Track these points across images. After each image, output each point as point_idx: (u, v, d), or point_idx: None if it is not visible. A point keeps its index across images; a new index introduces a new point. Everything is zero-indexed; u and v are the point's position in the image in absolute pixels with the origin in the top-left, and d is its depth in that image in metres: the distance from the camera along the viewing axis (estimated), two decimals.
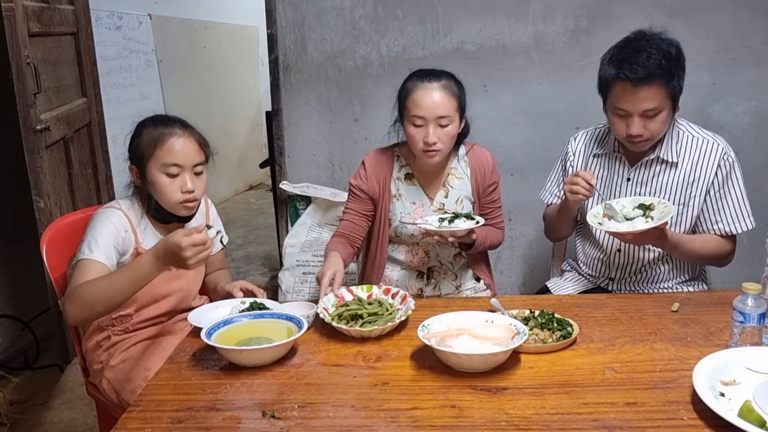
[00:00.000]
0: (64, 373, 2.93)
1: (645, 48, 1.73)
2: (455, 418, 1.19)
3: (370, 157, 2.05)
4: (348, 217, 2.03)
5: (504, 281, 3.23)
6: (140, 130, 1.74)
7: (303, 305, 1.67)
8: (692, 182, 1.88)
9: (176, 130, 1.71)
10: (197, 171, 1.72)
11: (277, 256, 3.80)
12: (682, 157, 1.89)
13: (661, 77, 1.72)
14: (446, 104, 1.84)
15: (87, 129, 3.18)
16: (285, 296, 3.05)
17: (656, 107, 1.75)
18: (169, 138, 1.69)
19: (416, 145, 1.88)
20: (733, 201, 1.87)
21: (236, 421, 1.21)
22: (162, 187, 1.69)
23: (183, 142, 1.70)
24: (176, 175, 1.69)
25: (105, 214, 1.71)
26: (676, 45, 1.78)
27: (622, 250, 1.97)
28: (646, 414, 1.19)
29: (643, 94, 1.73)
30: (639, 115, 1.77)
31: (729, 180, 1.87)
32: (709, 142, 1.88)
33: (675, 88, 1.76)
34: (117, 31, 4.37)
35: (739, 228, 1.87)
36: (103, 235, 1.65)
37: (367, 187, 2.01)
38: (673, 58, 1.74)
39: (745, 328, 1.35)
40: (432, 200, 2.02)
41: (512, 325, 1.45)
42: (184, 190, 1.69)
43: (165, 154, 1.68)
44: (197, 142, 1.74)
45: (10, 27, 2.38)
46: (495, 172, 2.05)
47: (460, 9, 2.95)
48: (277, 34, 3.03)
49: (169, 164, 1.68)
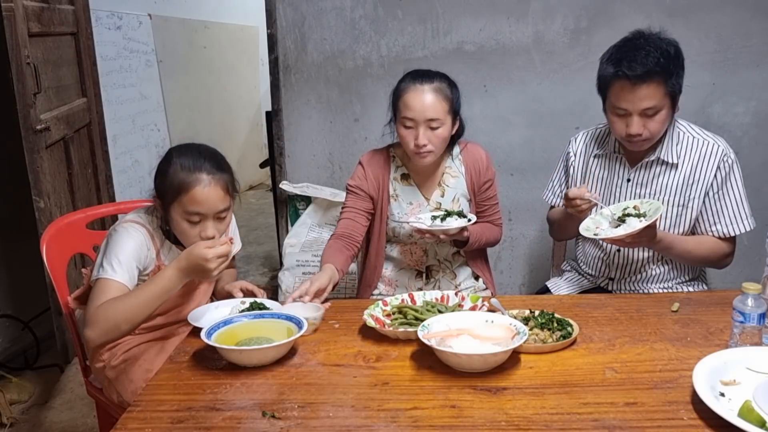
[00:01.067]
0: (64, 373, 2.93)
1: (643, 46, 1.74)
2: (455, 418, 1.19)
3: (367, 158, 2.05)
4: (347, 215, 2.01)
5: (504, 281, 3.23)
6: (167, 165, 1.63)
7: (309, 306, 1.64)
8: (692, 183, 1.88)
9: (203, 176, 1.60)
10: (220, 217, 1.65)
11: (277, 256, 3.80)
12: (682, 159, 1.88)
13: (660, 75, 1.73)
14: (437, 107, 1.85)
15: (87, 129, 3.18)
16: (285, 296, 3.03)
17: (655, 105, 1.75)
18: (194, 186, 1.59)
19: (408, 147, 1.90)
20: (731, 202, 1.87)
21: (236, 421, 1.21)
22: (182, 230, 1.64)
23: (208, 192, 1.60)
24: (197, 222, 1.63)
25: (129, 230, 1.65)
26: (675, 44, 1.79)
27: (621, 249, 1.97)
28: (646, 414, 1.19)
29: (642, 93, 1.73)
30: (638, 114, 1.77)
31: (728, 181, 1.86)
32: (709, 144, 1.87)
33: (674, 86, 1.76)
34: (117, 31, 4.36)
35: (738, 229, 1.87)
36: (125, 253, 1.60)
37: (367, 186, 2.01)
38: (671, 56, 1.75)
39: (745, 328, 1.35)
40: (428, 200, 2.03)
41: (512, 325, 1.45)
42: (204, 236, 1.62)
43: (188, 203, 1.59)
44: (224, 188, 1.63)
45: (10, 27, 2.38)
46: (490, 168, 2.06)
47: (460, 9, 2.95)
48: (277, 34, 3.03)
49: (191, 213, 1.61)
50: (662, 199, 1.88)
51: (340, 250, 1.92)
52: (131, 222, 1.69)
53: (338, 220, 2.04)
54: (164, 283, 1.53)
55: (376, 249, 2.07)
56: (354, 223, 1.99)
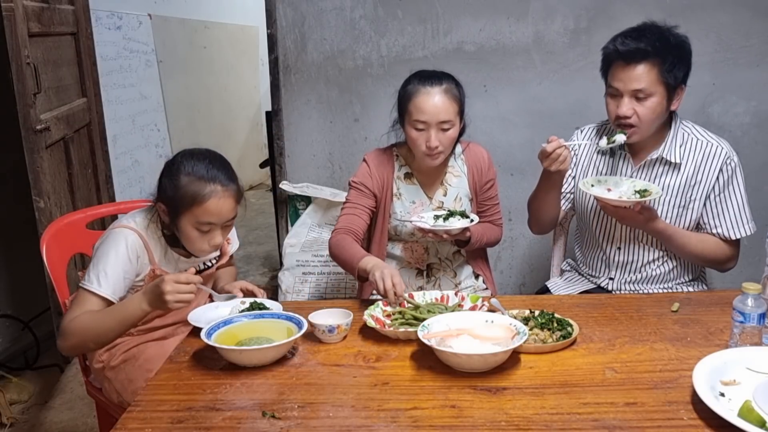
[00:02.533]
0: (64, 373, 2.93)
1: (645, 30, 1.79)
2: (455, 418, 1.20)
3: (372, 156, 2.05)
4: (349, 210, 1.99)
5: (504, 281, 3.23)
6: (178, 174, 1.63)
7: (337, 313, 1.60)
8: (693, 185, 1.88)
9: (218, 188, 1.61)
10: (228, 225, 1.69)
11: (277, 256, 3.80)
12: (685, 159, 1.89)
13: (653, 57, 1.74)
14: (448, 109, 1.86)
15: (87, 129, 3.18)
16: (285, 296, 3.05)
17: (645, 88, 1.76)
18: (209, 198, 1.60)
19: (418, 149, 1.89)
20: (733, 206, 1.87)
21: (236, 421, 1.21)
22: (191, 238, 1.65)
23: (222, 204, 1.62)
24: (207, 231, 1.65)
25: (118, 238, 1.64)
26: (682, 38, 1.80)
27: (621, 248, 1.97)
28: (646, 414, 1.19)
29: (633, 73, 1.76)
30: (629, 94, 1.78)
31: (730, 185, 1.86)
32: (713, 146, 1.87)
33: (669, 75, 1.76)
34: (117, 31, 4.36)
35: (738, 233, 1.87)
36: (111, 265, 1.61)
37: (371, 183, 2.00)
38: (670, 44, 1.76)
39: (745, 328, 1.35)
40: (431, 199, 2.04)
41: (512, 325, 1.45)
42: (212, 244, 1.66)
43: (201, 214, 1.61)
44: (235, 199, 1.66)
45: (10, 27, 2.38)
46: (491, 168, 2.07)
47: (460, 9, 2.94)
48: (277, 34, 3.03)
49: (204, 223, 1.63)
50: (663, 199, 1.88)
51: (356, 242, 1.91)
52: (122, 227, 1.68)
53: (340, 215, 2.02)
54: (131, 310, 1.56)
55: (378, 246, 2.07)
56: (357, 218, 1.98)
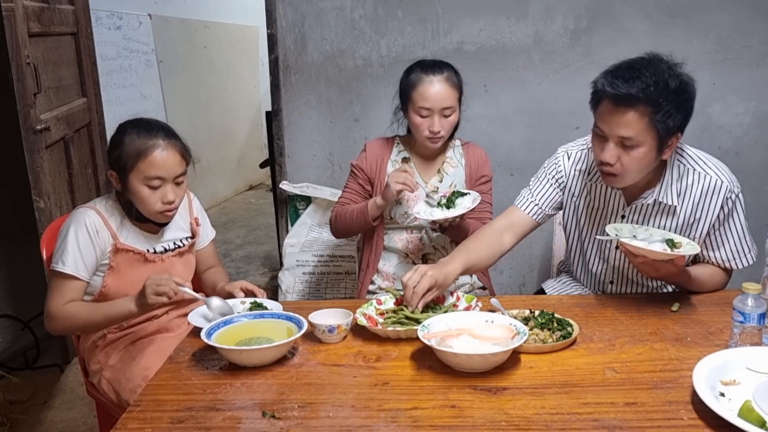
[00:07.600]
0: (64, 373, 2.93)
1: (641, 68, 1.54)
2: (455, 418, 1.19)
3: (372, 142, 2.19)
4: (347, 195, 2.16)
5: (504, 281, 3.23)
6: (122, 136, 1.71)
7: (337, 313, 1.60)
8: (692, 223, 1.75)
9: (159, 141, 1.69)
10: (178, 181, 1.74)
11: (277, 256, 3.80)
12: (682, 198, 1.72)
13: (645, 104, 1.52)
14: (450, 96, 1.99)
15: (87, 129, 3.18)
16: (285, 296, 3.05)
17: (632, 137, 1.55)
18: (152, 151, 1.68)
19: (421, 134, 2.02)
20: (733, 237, 1.77)
21: (236, 421, 1.21)
22: (143, 197, 1.70)
23: (166, 155, 1.69)
24: (158, 187, 1.70)
25: (77, 217, 1.73)
26: (685, 81, 1.56)
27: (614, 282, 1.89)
28: (646, 414, 1.19)
29: (622, 118, 1.54)
30: (614, 140, 1.58)
31: (731, 218, 1.75)
32: (713, 179, 1.70)
33: (661, 124, 1.53)
34: (117, 31, 4.37)
35: (738, 264, 1.79)
36: (70, 243, 1.69)
37: (365, 166, 2.13)
38: (668, 89, 1.52)
39: (745, 328, 1.35)
40: (426, 183, 2.12)
41: (512, 325, 1.45)
42: (165, 201, 1.71)
43: (147, 168, 1.68)
44: (180, 153, 1.73)
45: (10, 27, 2.38)
46: (488, 167, 2.17)
47: (460, 9, 2.95)
48: (277, 34, 3.03)
49: (152, 177, 1.68)
50: None
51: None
52: (81, 208, 1.77)
53: (339, 197, 2.20)
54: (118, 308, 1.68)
55: (374, 234, 2.15)
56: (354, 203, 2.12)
